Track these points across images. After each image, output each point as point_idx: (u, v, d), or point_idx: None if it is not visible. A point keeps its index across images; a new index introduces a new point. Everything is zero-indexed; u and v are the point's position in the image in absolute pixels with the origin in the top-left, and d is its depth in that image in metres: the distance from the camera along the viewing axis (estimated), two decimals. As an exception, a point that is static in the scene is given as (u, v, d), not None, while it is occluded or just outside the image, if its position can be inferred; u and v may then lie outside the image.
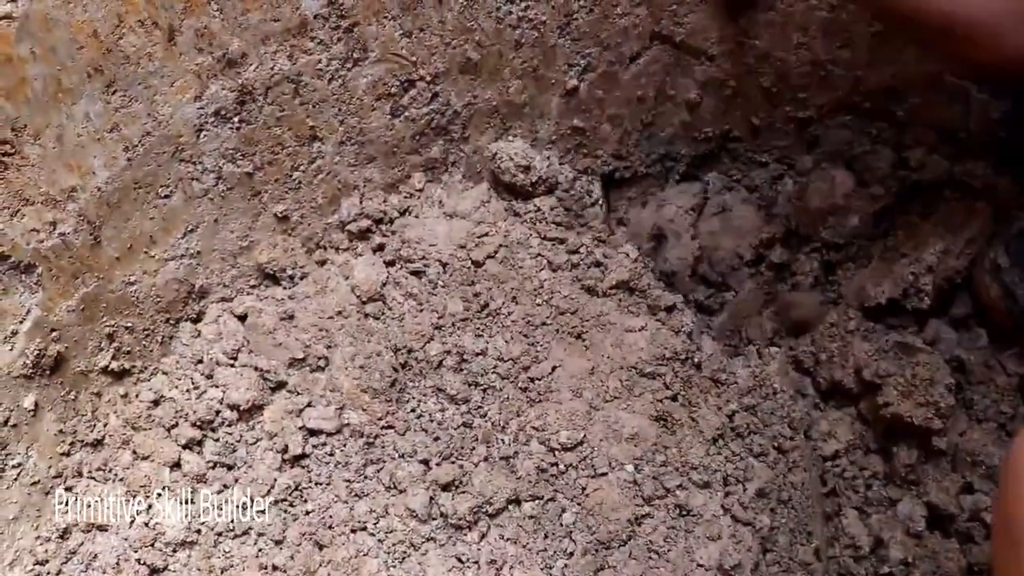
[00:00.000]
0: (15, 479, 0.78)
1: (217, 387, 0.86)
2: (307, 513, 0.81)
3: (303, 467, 0.83)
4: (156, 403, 0.87)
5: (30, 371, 0.79)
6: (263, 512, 0.81)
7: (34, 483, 0.80)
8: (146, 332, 0.89)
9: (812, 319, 1.01)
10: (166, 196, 0.87)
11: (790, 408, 0.89)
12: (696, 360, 0.89)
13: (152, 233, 0.87)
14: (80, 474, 0.83)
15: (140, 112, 0.83)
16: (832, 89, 1.03)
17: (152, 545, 0.80)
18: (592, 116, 1.02)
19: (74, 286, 0.82)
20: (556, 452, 0.81)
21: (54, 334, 0.81)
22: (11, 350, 0.78)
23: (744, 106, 1.07)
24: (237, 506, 0.81)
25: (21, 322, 0.78)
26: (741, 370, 0.90)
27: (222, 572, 0.78)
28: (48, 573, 0.77)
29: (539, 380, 0.85)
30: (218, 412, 0.85)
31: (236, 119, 0.88)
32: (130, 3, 0.78)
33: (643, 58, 1.01)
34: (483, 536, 0.78)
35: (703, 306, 1.04)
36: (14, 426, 0.78)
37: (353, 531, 0.79)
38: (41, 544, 0.79)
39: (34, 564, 0.77)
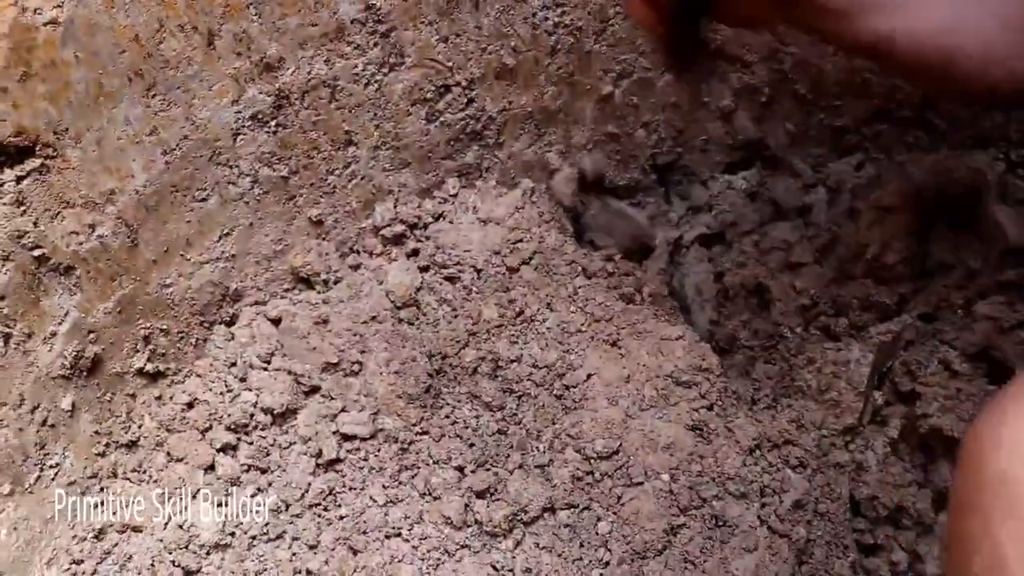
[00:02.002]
0: (52, 479, 0.79)
1: (251, 390, 0.86)
2: (341, 518, 0.81)
3: (337, 472, 0.83)
4: (190, 405, 0.87)
5: (68, 372, 0.79)
6: (297, 516, 0.81)
7: (71, 483, 0.80)
8: (180, 335, 0.89)
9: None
10: (202, 199, 0.87)
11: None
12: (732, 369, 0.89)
13: (188, 236, 0.88)
14: (115, 475, 0.83)
15: (178, 116, 0.83)
16: (869, 97, 1.02)
17: (186, 547, 0.80)
18: (627, 123, 1.02)
19: (111, 288, 0.83)
20: (591, 460, 0.81)
21: (91, 336, 0.81)
22: (50, 351, 0.78)
23: (779, 113, 1.06)
24: (271, 510, 0.81)
25: (60, 323, 0.79)
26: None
27: (256, 576, 0.79)
28: (84, 573, 0.78)
29: (574, 388, 0.85)
30: (252, 415, 0.85)
31: (273, 123, 0.88)
32: (171, 8, 0.79)
33: (678, 65, 1.01)
34: (518, 544, 0.78)
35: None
36: (52, 426, 0.79)
37: (387, 537, 0.79)
38: (77, 544, 0.79)
39: (70, 563, 0.78)
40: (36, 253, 0.75)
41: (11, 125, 0.72)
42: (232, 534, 0.81)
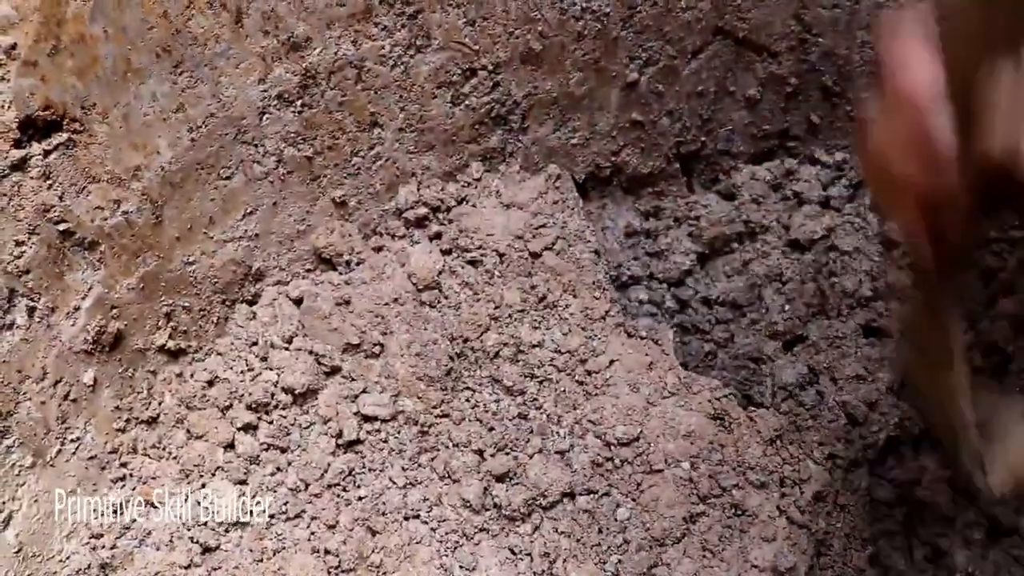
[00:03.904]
0: (73, 453, 0.79)
1: (272, 370, 0.86)
2: (360, 499, 0.81)
3: (357, 453, 0.83)
4: (211, 384, 0.87)
5: (90, 347, 0.80)
6: (316, 496, 0.81)
7: (91, 458, 0.81)
8: (202, 312, 0.90)
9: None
10: (227, 178, 0.88)
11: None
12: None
13: (212, 214, 0.88)
14: (135, 451, 0.84)
15: (205, 93, 0.83)
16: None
17: (205, 524, 0.80)
18: (651, 110, 1.02)
19: (135, 264, 0.83)
20: (612, 447, 0.81)
21: (114, 311, 0.82)
22: (73, 325, 0.78)
23: (804, 104, 1.06)
24: (290, 489, 0.82)
25: (83, 298, 0.79)
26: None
27: (274, 554, 0.79)
28: (103, 546, 0.78)
29: (596, 373, 0.85)
30: (272, 395, 0.85)
31: (298, 103, 0.88)
32: (200, -16, 0.79)
33: (705, 53, 1.01)
34: (536, 528, 0.78)
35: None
36: (74, 400, 0.79)
37: (406, 519, 0.79)
38: (96, 518, 0.79)
39: (89, 537, 0.78)
40: (61, 227, 0.76)
41: (39, 99, 0.72)
42: (251, 512, 0.81)
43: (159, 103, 0.81)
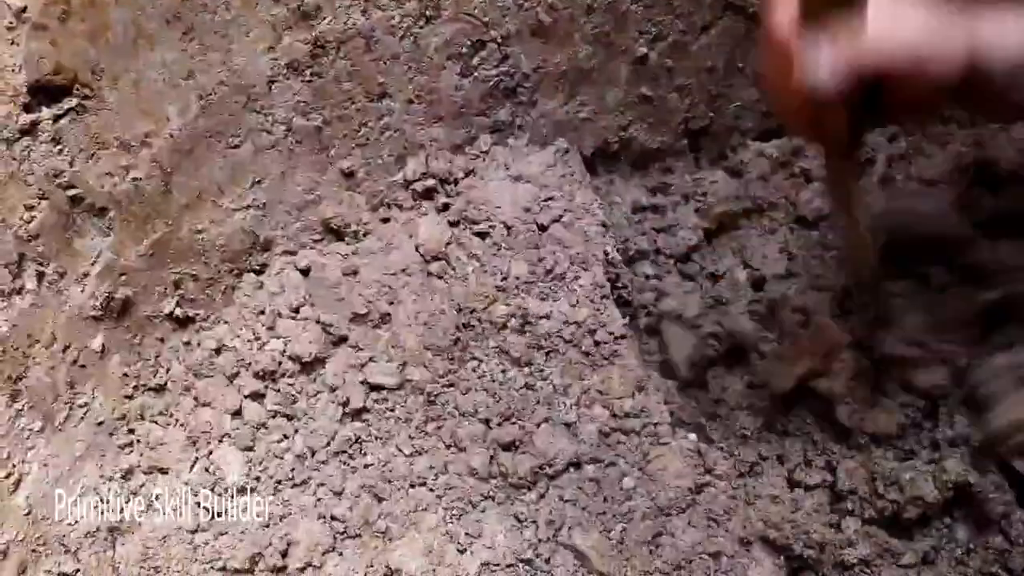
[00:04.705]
0: (82, 418, 0.80)
1: (279, 339, 0.87)
2: (367, 466, 0.81)
3: (364, 421, 0.83)
4: (218, 352, 0.87)
5: (99, 313, 0.80)
6: (323, 463, 0.82)
7: (99, 423, 0.81)
8: (210, 281, 0.90)
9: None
10: (236, 146, 0.88)
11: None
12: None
13: (220, 183, 0.88)
14: (143, 417, 0.84)
15: (215, 61, 0.83)
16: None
17: (212, 490, 0.81)
18: (661, 85, 1.01)
19: (144, 231, 0.83)
20: (618, 417, 0.81)
21: (123, 278, 0.82)
22: (82, 291, 0.79)
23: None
24: (297, 456, 0.82)
25: (93, 264, 0.79)
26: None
27: (280, 519, 0.79)
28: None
29: (604, 344, 0.85)
30: (280, 363, 0.85)
31: (308, 72, 0.88)
32: (211, -50, 0.79)
33: (715, 28, 1.00)
34: (542, 496, 0.78)
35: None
36: (83, 366, 0.79)
37: (412, 486, 0.80)
38: (104, 483, 0.80)
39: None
40: (71, 193, 0.76)
41: (50, 63, 0.72)
42: (257, 478, 0.81)
43: (169, 70, 0.81)
